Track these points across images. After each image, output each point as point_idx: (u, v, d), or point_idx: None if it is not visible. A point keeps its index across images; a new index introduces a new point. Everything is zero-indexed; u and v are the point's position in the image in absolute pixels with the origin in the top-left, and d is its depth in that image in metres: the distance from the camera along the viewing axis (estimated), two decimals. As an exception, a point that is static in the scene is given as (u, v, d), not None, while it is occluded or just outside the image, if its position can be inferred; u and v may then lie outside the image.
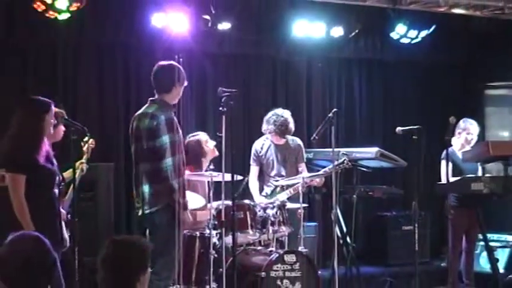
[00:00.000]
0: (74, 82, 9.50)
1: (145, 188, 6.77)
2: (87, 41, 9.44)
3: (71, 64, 9.49)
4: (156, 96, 6.93)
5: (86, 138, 6.89)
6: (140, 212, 6.87)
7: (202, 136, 8.37)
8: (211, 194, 7.60)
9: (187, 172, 7.55)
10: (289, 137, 8.72)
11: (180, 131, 6.90)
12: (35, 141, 5.98)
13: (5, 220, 5.77)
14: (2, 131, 6.09)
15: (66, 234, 6.35)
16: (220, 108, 6.91)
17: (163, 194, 6.67)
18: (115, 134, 9.54)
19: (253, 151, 8.81)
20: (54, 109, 6.25)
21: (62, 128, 6.69)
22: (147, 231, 6.85)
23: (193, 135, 8.41)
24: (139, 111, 6.97)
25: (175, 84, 6.90)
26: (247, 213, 7.75)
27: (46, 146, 6.11)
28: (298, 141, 8.84)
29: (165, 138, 6.67)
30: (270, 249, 7.78)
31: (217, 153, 8.10)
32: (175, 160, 6.69)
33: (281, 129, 8.56)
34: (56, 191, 6.51)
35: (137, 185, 6.87)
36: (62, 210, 6.55)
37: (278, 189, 8.50)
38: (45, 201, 6.00)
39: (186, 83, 7.04)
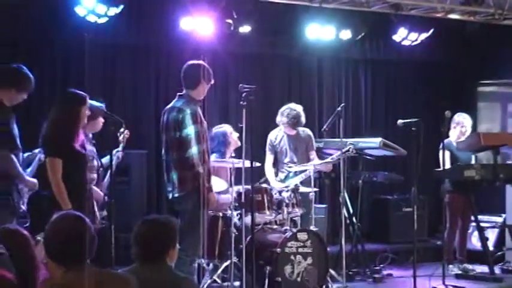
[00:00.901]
0: (111, 79, 9.55)
1: (174, 175, 6.78)
2: (123, 42, 9.45)
3: (109, 63, 9.53)
4: (184, 92, 6.93)
5: (122, 129, 6.90)
6: (170, 196, 6.90)
7: (227, 128, 8.36)
8: (233, 179, 7.63)
9: (212, 159, 7.56)
10: (300, 128, 8.70)
11: (205, 123, 6.89)
12: (73, 130, 6.00)
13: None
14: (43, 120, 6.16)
15: (97, 212, 6.41)
16: (241, 102, 6.88)
17: (189, 180, 6.67)
18: (147, 125, 9.56)
19: (268, 141, 8.79)
20: (89, 102, 6.30)
21: (101, 119, 6.72)
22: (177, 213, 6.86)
23: (219, 127, 8.41)
24: (169, 106, 6.97)
25: (201, 82, 6.89)
26: (265, 196, 7.75)
27: (81, 135, 6.14)
28: (308, 131, 8.81)
29: (190, 129, 6.67)
30: (285, 228, 7.78)
31: (239, 143, 8.11)
32: (200, 149, 6.70)
33: (293, 122, 8.54)
34: (95, 175, 6.58)
35: (168, 171, 6.87)
36: (100, 192, 6.60)
37: (291, 174, 8.49)
38: (79, 182, 6.02)
39: (212, 81, 7.03)
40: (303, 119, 8.61)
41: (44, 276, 3.64)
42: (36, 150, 6.39)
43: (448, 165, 8.70)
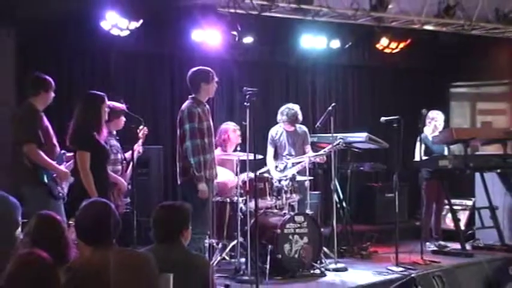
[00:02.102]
0: (132, 84, 9.51)
1: (179, 164, 6.81)
2: (142, 52, 9.42)
3: (130, 70, 9.50)
4: (193, 95, 6.93)
5: (141, 127, 6.88)
6: (178, 182, 6.91)
7: (229, 126, 8.37)
8: (238, 170, 7.62)
9: (218, 152, 7.55)
10: (297, 125, 8.68)
11: (209, 121, 6.87)
12: (96, 125, 5.99)
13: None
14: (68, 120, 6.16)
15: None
16: (245, 103, 6.86)
17: (185, 170, 6.69)
18: (163, 123, 9.55)
19: (269, 136, 8.77)
20: (111, 102, 6.32)
21: (123, 118, 6.71)
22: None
23: (225, 124, 8.42)
24: None
25: (201, 85, 6.86)
26: (266, 184, 7.73)
27: (105, 131, 6.14)
28: (304, 128, 8.80)
29: (186, 127, 6.66)
30: (284, 212, 7.76)
31: (240, 140, 8.11)
32: (194, 143, 6.64)
33: (292, 119, 8.53)
34: (119, 167, 6.58)
35: (177, 162, 6.90)
36: (124, 182, 6.59)
37: (289, 165, 8.47)
38: (103, 173, 6.02)
39: (216, 79, 6.98)
40: (300, 116, 8.60)
41: (75, 254, 3.65)
42: None
43: (423, 157, 8.70)
